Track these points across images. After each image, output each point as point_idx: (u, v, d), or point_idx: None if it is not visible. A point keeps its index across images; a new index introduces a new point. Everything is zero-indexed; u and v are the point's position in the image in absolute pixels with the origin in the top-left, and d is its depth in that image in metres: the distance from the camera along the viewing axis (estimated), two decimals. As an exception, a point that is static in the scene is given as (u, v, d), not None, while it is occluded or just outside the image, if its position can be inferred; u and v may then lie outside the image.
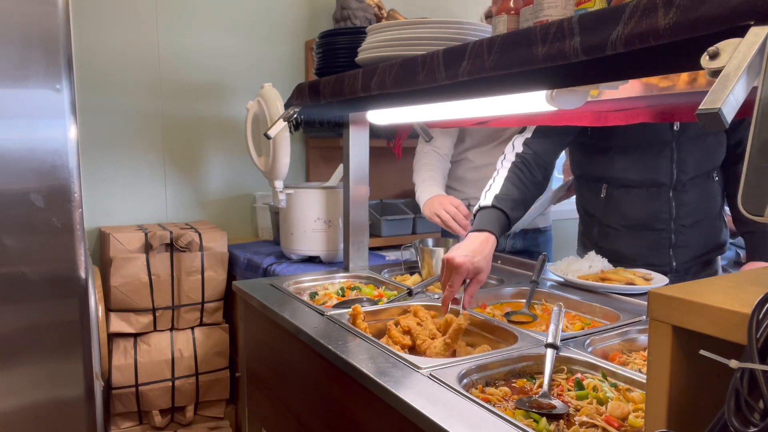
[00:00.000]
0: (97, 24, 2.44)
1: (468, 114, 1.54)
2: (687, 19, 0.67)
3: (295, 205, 2.16)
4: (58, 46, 1.37)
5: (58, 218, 1.42)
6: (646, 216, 1.72)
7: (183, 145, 2.67)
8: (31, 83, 1.37)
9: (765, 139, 0.57)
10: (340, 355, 1.21)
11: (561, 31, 0.85)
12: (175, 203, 2.67)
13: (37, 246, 1.40)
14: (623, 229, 1.76)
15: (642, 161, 1.69)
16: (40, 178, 1.39)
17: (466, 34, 1.28)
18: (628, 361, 1.22)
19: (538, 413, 0.97)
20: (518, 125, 1.92)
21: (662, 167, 1.67)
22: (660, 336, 0.63)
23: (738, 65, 0.59)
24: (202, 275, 2.33)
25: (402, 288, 1.70)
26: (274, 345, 1.66)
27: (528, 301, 1.55)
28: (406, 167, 3.04)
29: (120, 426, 2.32)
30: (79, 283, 1.46)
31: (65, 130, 1.40)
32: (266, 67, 2.80)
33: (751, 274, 0.69)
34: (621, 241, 1.77)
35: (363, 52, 1.42)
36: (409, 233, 2.66)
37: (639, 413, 0.96)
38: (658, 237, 1.72)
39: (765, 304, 0.53)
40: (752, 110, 0.59)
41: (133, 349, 2.27)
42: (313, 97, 1.62)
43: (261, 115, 2.05)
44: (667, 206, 1.69)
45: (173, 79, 2.62)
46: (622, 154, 1.71)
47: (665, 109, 1.48)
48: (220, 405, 2.48)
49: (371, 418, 1.16)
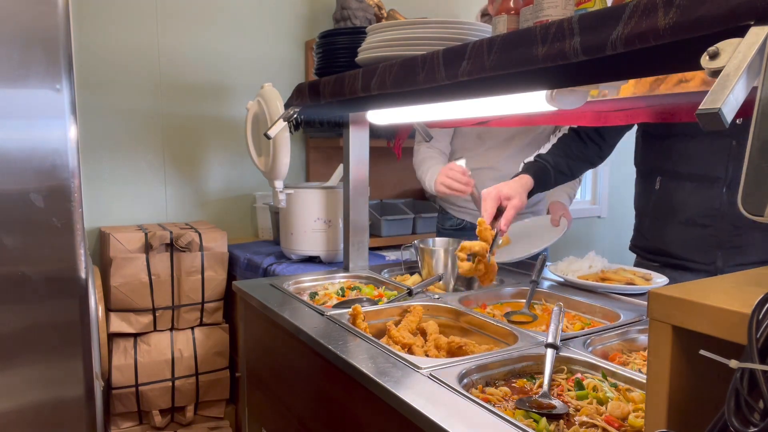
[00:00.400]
0: (97, 24, 2.44)
1: (468, 114, 1.54)
2: (687, 19, 0.67)
3: (295, 205, 2.16)
4: (58, 46, 1.37)
5: (58, 218, 1.42)
6: (695, 211, 1.64)
7: (183, 145, 2.67)
8: (31, 83, 1.37)
9: (765, 139, 0.57)
10: (340, 355, 1.21)
11: (561, 31, 0.85)
12: (175, 203, 2.67)
13: (37, 246, 1.40)
14: (673, 224, 1.69)
15: (698, 152, 1.62)
16: (40, 178, 1.39)
17: (466, 34, 1.28)
18: (628, 361, 1.22)
19: (538, 413, 0.97)
20: (518, 125, 1.92)
21: (718, 161, 1.58)
22: (660, 336, 0.63)
23: (738, 65, 0.59)
24: (202, 275, 2.33)
25: (402, 288, 1.70)
26: (274, 345, 1.66)
27: (528, 301, 1.55)
28: (406, 167, 3.04)
29: (120, 426, 2.32)
30: (79, 283, 1.46)
31: (65, 130, 1.40)
32: (266, 67, 2.80)
33: (751, 274, 0.69)
34: (668, 237, 1.71)
35: (363, 52, 1.42)
36: (409, 233, 2.66)
37: (639, 413, 0.96)
38: (705, 234, 1.62)
39: (765, 304, 0.53)
40: (752, 110, 0.59)
41: (133, 349, 2.27)
42: (313, 97, 1.62)
43: (261, 115, 2.05)
44: (718, 202, 1.59)
45: (173, 79, 2.62)
46: (681, 143, 1.66)
47: (665, 109, 1.49)
48: (220, 405, 2.48)
49: (371, 418, 1.16)
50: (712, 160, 1.61)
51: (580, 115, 1.62)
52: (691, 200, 1.65)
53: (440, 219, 2.42)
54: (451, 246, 1.82)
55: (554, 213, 2.00)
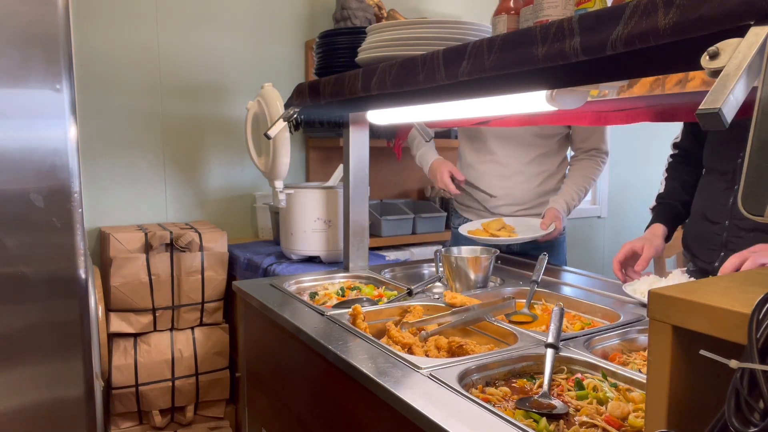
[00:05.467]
0: (97, 24, 2.44)
1: (468, 114, 1.54)
2: (687, 19, 0.67)
3: (295, 205, 2.16)
4: (58, 46, 1.37)
5: (58, 218, 1.42)
6: (704, 204, 1.61)
7: (183, 145, 2.67)
8: (31, 83, 1.37)
9: (765, 139, 0.57)
10: (340, 355, 1.21)
11: (561, 31, 0.85)
12: (175, 203, 2.67)
13: (37, 246, 1.40)
14: (696, 216, 1.66)
15: (717, 144, 1.59)
16: (40, 178, 1.39)
17: (466, 34, 1.28)
18: (628, 361, 1.22)
19: (538, 413, 0.97)
20: (518, 125, 1.92)
21: (729, 152, 1.53)
22: (660, 336, 0.63)
23: (738, 65, 0.59)
24: (202, 275, 2.33)
25: (402, 288, 1.70)
26: (274, 345, 1.66)
27: (528, 301, 1.55)
28: (406, 167, 3.05)
29: (120, 426, 2.32)
30: (79, 283, 1.46)
31: (65, 130, 1.40)
32: (266, 67, 2.80)
33: (751, 274, 0.69)
34: (688, 229, 1.70)
35: (363, 52, 1.42)
36: (409, 233, 2.66)
37: (639, 413, 0.96)
38: (712, 231, 1.57)
39: (765, 304, 0.53)
40: (752, 110, 0.59)
41: (133, 349, 2.27)
42: (313, 97, 1.62)
43: (261, 115, 2.05)
44: (725, 199, 1.53)
45: (173, 79, 2.62)
46: (712, 134, 1.62)
47: (665, 109, 1.48)
48: (220, 405, 2.48)
49: (371, 418, 1.16)
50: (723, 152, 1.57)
51: (580, 115, 1.61)
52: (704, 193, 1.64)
53: (451, 218, 2.45)
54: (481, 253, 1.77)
55: (546, 218, 2.06)
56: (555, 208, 2.08)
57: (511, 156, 2.16)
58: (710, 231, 1.58)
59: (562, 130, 2.17)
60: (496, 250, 1.77)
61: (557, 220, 2.04)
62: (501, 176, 2.17)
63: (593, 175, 2.16)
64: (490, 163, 2.18)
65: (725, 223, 1.53)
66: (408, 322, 1.41)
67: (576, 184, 2.14)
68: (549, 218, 2.04)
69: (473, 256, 1.72)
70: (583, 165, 2.17)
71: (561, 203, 2.10)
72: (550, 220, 2.03)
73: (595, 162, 2.17)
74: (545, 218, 2.05)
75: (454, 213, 2.39)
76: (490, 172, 2.18)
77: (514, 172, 2.16)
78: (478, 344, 1.29)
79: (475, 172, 2.21)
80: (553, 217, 2.04)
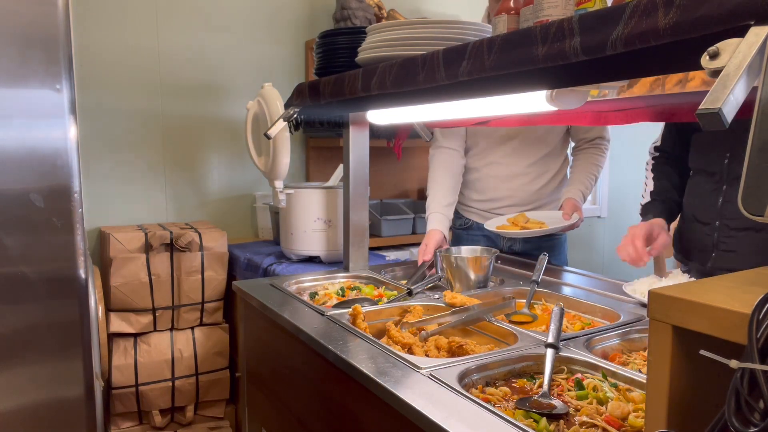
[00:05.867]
0: (97, 24, 2.44)
1: (468, 114, 1.54)
2: (687, 19, 0.67)
3: (295, 205, 2.16)
4: (58, 46, 1.37)
5: (58, 218, 1.41)
6: (693, 206, 1.62)
7: (183, 145, 2.67)
8: (31, 83, 1.36)
9: (765, 139, 0.57)
10: (340, 355, 1.21)
11: (561, 31, 0.85)
12: (175, 203, 2.67)
13: (37, 246, 1.40)
14: (686, 219, 1.67)
15: (703, 146, 1.59)
16: (40, 178, 1.39)
17: (466, 34, 1.28)
18: (628, 361, 1.22)
19: (538, 413, 0.97)
20: (518, 125, 1.92)
21: (715, 154, 1.53)
22: (660, 336, 0.63)
23: (738, 65, 0.59)
24: (202, 275, 2.33)
25: (402, 288, 1.70)
26: (274, 345, 1.66)
27: (528, 301, 1.55)
28: (406, 167, 3.05)
29: (120, 426, 2.32)
30: (79, 283, 1.46)
31: (65, 130, 1.40)
32: (266, 67, 2.80)
33: (751, 274, 0.69)
34: (682, 231, 1.70)
35: (363, 52, 1.42)
36: (409, 233, 2.66)
37: (639, 413, 0.96)
38: (702, 233, 1.57)
39: (765, 304, 0.53)
40: (752, 110, 0.59)
41: (133, 349, 2.27)
42: (313, 97, 1.62)
43: (261, 115, 2.05)
44: (714, 199, 1.53)
45: (173, 79, 2.62)
46: (697, 135, 1.63)
47: (665, 109, 1.48)
48: (220, 405, 2.48)
49: (371, 417, 1.16)
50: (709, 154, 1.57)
51: (580, 115, 1.61)
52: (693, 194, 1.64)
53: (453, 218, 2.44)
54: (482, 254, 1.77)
55: (566, 208, 2.03)
56: (572, 197, 2.07)
57: (513, 158, 2.16)
58: (701, 232, 1.58)
59: (562, 129, 2.17)
60: (496, 250, 1.77)
61: (577, 209, 2.03)
62: (504, 178, 2.16)
63: (600, 163, 2.16)
64: (492, 165, 2.18)
65: (715, 224, 1.54)
66: (408, 322, 1.41)
67: (586, 171, 2.13)
68: (569, 208, 2.02)
69: (473, 256, 1.72)
70: (589, 153, 2.17)
71: (576, 192, 2.09)
72: (571, 210, 2.01)
73: (599, 150, 2.17)
74: (565, 209, 2.03)
75: (455, 213, 2.39)
76: (492, 175, 2.18)
77: (517, 173, 2.15)
78: (478, 344, 1.29)
79: (477, 175, 2.21)
80: (572, 206, 2.03)
